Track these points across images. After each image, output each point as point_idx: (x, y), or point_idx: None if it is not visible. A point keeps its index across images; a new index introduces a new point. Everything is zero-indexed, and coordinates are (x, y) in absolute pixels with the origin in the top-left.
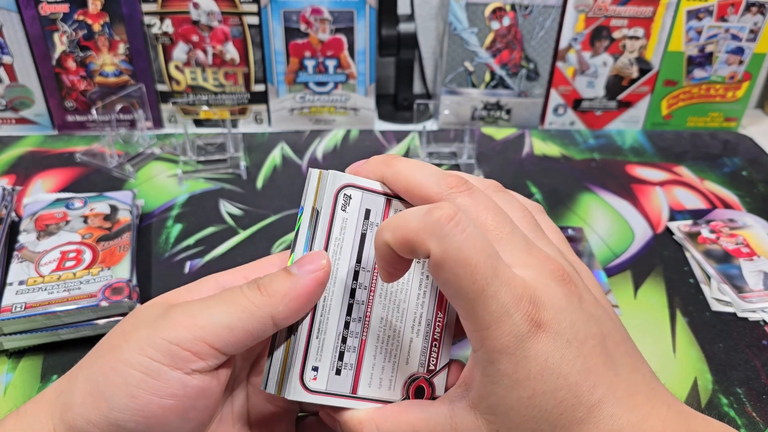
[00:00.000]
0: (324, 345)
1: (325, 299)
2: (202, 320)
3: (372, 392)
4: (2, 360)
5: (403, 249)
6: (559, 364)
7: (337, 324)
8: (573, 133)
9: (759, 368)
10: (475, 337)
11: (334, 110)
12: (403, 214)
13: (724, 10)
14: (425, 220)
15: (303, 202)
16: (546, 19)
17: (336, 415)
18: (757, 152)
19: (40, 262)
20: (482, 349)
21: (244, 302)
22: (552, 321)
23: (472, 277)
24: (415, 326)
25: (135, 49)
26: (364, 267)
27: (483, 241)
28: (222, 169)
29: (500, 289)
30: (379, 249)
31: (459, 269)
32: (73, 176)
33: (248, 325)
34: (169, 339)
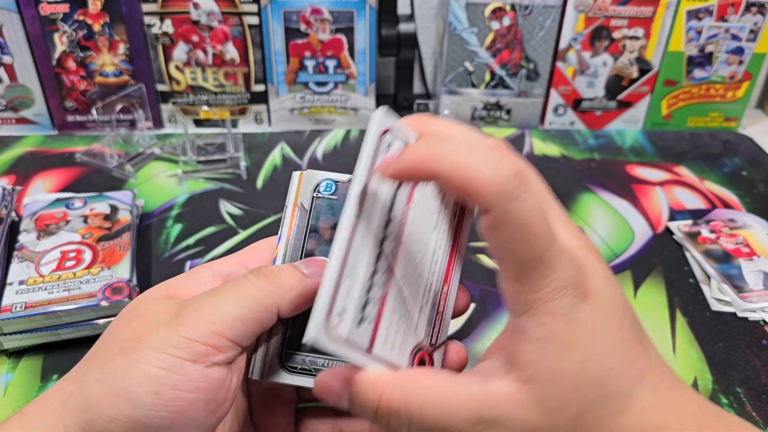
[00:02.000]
0: (352, 289)
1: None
2: (217, 315)
3: (385, 353)
4: (2, 360)
5: (454, 188)
6: (607, 331)
7: (365, 269)
8: (573, 133)
9: (759, 368)
10: (524, 301)
11: (334, 110)
12: (470, 152)
13: (724, 10)
14: (497, 172)
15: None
16: (546, 19)
17: (347, 374)
18: (757, 152)
19: (40, 262)
20: (530, 312)
21: (254, 292)
22: (598, 290)
23: (532, 243)
24: (426, 293)
25: (135, 49)
26: (391, 222)
27: (544, 207)
28: (222, 169)
29: (556, 256)
30: (420, 169)
31: (521, 234)
32: (73, 176)
33: (258, 314)
34: (189, 336)
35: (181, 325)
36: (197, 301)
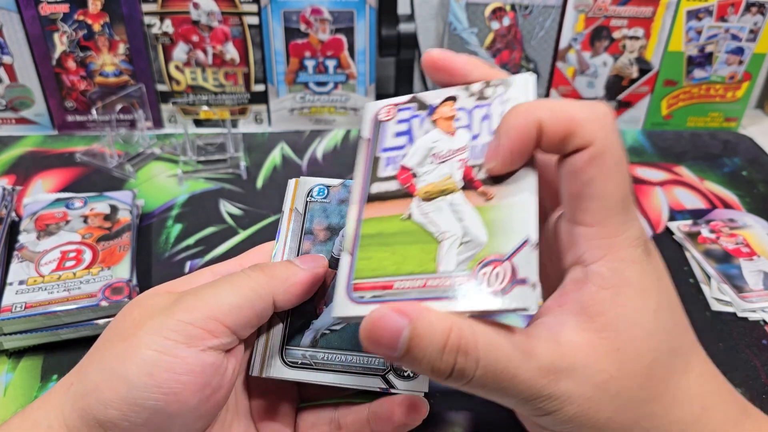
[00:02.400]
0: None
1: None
2: (213, 301)
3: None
4: (2, 360)
5: (555, 135)
6: (668, 289)
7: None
8: None
9: (759, 368)
10: (599, 246)
11: (334, 110)
12: (562, 101)
13: (724, 10)
14: (597, 109)
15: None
16: (546, 19)
17: (409, 308)
18: (757, 152)
19: (40, 262)
20: (606, 258)
21: (250, 283)
22: (654, 252)
23: (622, 180)
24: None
25: (135, 49)
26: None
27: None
28: (222, 169)
29: (633, 204)
30: (523, 125)
31: (615, 168)
32: (73, 176)
33: (254, 304)
34: (184, 320)
35: (178, 310)
36: (196, 290)
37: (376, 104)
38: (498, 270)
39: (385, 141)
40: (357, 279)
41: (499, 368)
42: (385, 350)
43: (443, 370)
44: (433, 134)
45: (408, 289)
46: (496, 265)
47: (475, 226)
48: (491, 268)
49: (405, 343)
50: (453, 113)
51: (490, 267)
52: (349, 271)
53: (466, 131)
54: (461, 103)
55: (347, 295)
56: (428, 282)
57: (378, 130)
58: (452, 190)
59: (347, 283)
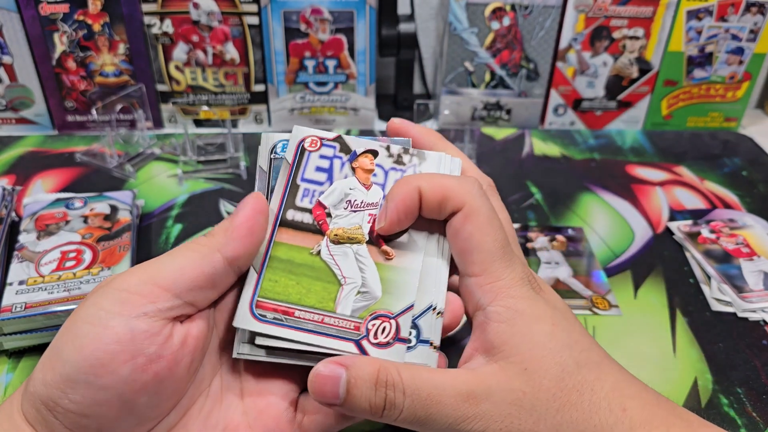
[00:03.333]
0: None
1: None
2: (152, 267)
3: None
4: (2, 360)
5: (433, 199)
6: (566, 317)
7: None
8: (573, 133)
9: (759, 368)
10: (490, 290)
11: (334, 110)
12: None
13: (724, 10)
14: (465, 179)
15: (260, 161)
16: (546, 19)
17: (342, 359)
18: (757, 152)
19: (40, 262)
20: (498, 298)
21: (193, 245)
22: (547, 291)
23: (497, 233)
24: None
25: (135, 49)
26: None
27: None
28: (222, 169)
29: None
30: (406, 194)
31: (488, 224)
32: (73, 176)
33: (199, 264)
34: (119, 287)
35: (117, 278)
36: (143, 262)
37: (302, 129)
38: (385, 325)
39: (306, 171)
40: (261, 297)
41: (423, 396)
42: (329, 396)
43: (378, 404)
44: (351, 181)
45: (307, 321)
46: (384, 320)
47: (373, 280)
48: (379, 322)
49: (345, 386)
50: (372, 167)
51: (379, 320)
52: (255, 287)
53: (379, 189)
54: (380, 160)
55: (250, 310)
56: (325, 319)
57: (301, 157)
58: (359, 240)
59: (252, 298)
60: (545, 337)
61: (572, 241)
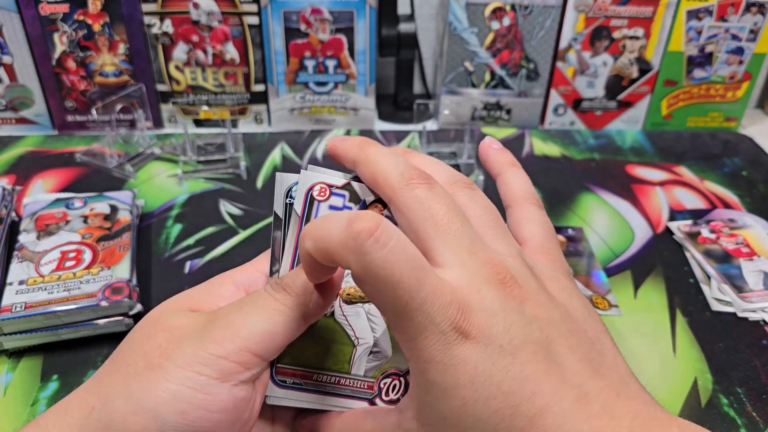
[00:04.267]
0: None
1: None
2: (244, 330)
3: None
4: (2, 360)
5: (325, 260)
6: (490, 372)
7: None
8: (573, 133)
9: (759, 368)
10: (405, 348)
11: (334, 110)
12: (326, 222)
13: (724, 10)
14: (346, 233)
15: (275, 207)
16: (546, 19)
17: (306, 422)
18: (757, 152)
19: (40, 262)
20: (412, 359)
21: (279, 306)
22: (482, 327)
23: (394, 292)
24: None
25: (135, 49)
26: None
27: (406, 253)
28: (222, 169)
29: (425, 301)
30: (302, 256)
31: (381, 285)
32: (73, 176)
33: (286, 328)
34: (217, 354)
35: (209, 341)
36: (224, 316)
37: (309, 176)
38: (395, 383)
39: None
40: (281, 364)
41: None
42: None
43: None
44: None
45: (324, 383)
46: (394, 378)
47: (384, 340)
48: (390, 380)
49: None
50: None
51: (390, 379)
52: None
53: None
54: (389, 212)
55: (270, 377)
56: (341, 380)
57: (310, 208)
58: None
59: (272, 364)
60: (453, 414)
61: (572, 240)
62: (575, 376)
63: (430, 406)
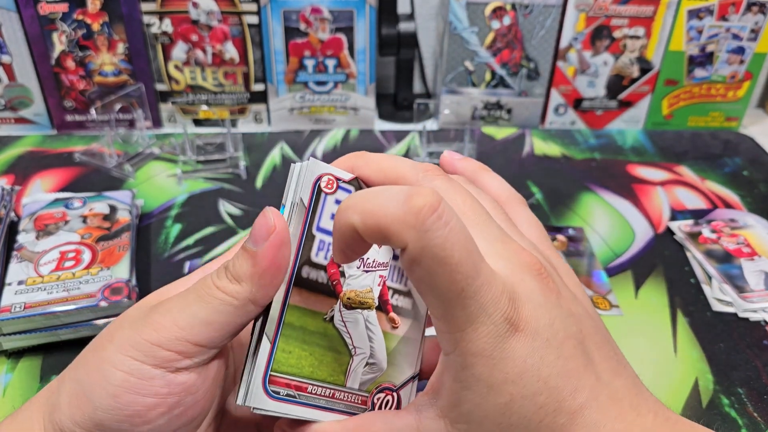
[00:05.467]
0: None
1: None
2: (182, 319)
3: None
4: (1, 360)
5: (373, 236)
6: (538, 366)
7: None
8: (573, 133)
9: (760, 368)
10: (449, 339)
11: (334, 110)
12: (377, 195)
13: (725, 10)
14: (406, 207)
15: (284, 198)
16: (546, 19)
17: (296, 429)
18: (758, 152)
19: (39, 262)
20: (456, 351)
21: (218, 294)
22: (530, 319)
23: (451, 276)
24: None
25: (134, 49)
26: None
27: (466, 236)
28: (221, 168)
29: (480, 289)
30: (341, 230)
31: (438, 268)
32: (72, 176)
33: (228, 317)
34: (151, 340)
35: (146, 326)
36: (167, 303)
37: (318, 165)
38: (388, 398)
39: (321, 219)
40: (275, 372)
41: None
42: None
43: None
44: None
45: (318, 396)
46: (388, 393)
47: (381, 351)
48: (384, 395)
49: None
50: None
51: (383, 394)
52: (269, 359)
53: (390, 248)
54: None
55: (263, 387)
56: (336, 394)
57: (317, 200)
58: (370, 305)
59: (265, 372)
60: (498, 411)
61: (573, 240)
62: (604, 373)
63: (472, 403)
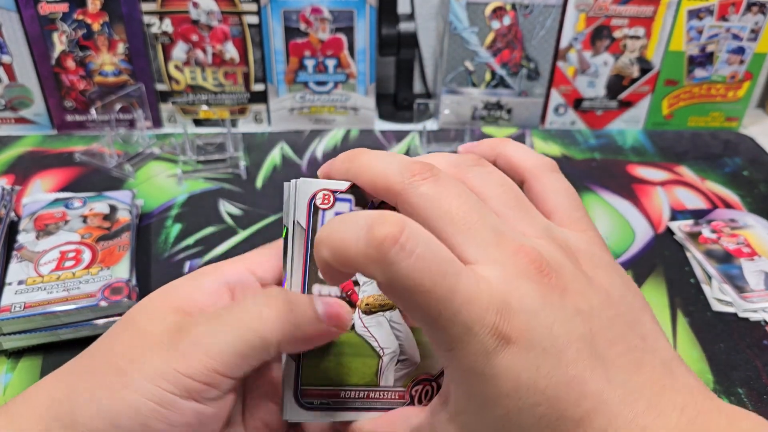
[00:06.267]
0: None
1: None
2: (214, 349)
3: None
4: (1, 360)
5: (345, 269)
6: (534, 378)
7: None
8: (574, 133)
9: (760, 368)
10: (442, 357)
11: (334, 110)
12: (340, 228)
13: (725, 10)
14: (367, 241)
15: (285, 219)
16: (546, 19)
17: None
18: (758, 152)
19: (40, 262)
20: (450, 366)
21: (257, 325)
22: (524, 329)
23: (425, 303)
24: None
25: (134, 49)
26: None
27: (436, 258)
28: (221, 168)
29: (460, 309)
30: (320, 264)
31: (410, 297)
32: (73, 176)
33: (257, 351)
34: (182, 371)
35: (176, 357)
36: (195, 326)
37: (309, 183)
38: (428, 388)
39: None
40: (305, 385)
41: None
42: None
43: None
44: None
45: (353, 399)
46: (426, 384)
47: (411, 346)
48: (422, 387)
49: None
50: None
51: (421, 386)
52: (296, 375)
53: None
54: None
55: (297, 401)
56: (371, 394)
57: (315, 219)
58: (391, 306)
59: (296, 387)
60: (496, 423)
61: None
62: (619, 372)
63: (470, 413)
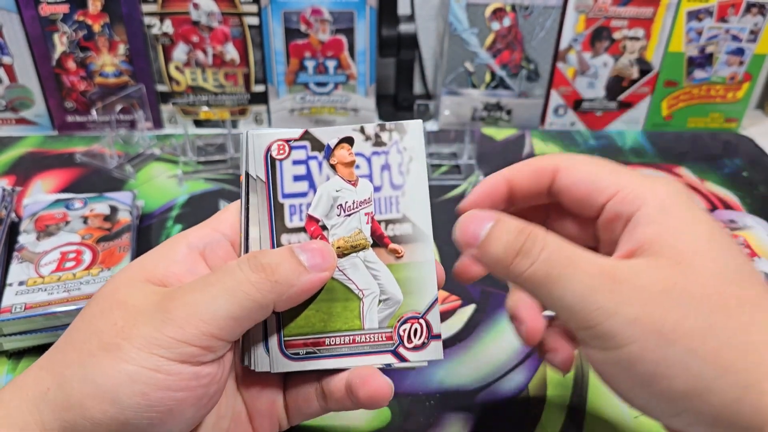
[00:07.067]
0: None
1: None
2: (208, 313)
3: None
4: (2, 361)
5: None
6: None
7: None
8: (573, 134)
9: None
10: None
11: (335, 111)
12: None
13: (724, 11)
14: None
15: (241, 167)
16: (546, 20)
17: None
18: (757, 153)
19: (40, 263)
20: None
21: (249, 289)
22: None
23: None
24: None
25: (135, 50)
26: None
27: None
28: (222, 169)
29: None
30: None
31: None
32: (73, 177)
33: (252, 313)
34: (177, 337)
35: (168, 323)
36: (185, 294)
37: (262, 135)
38: (416, 327)
39: (284, 185)
40: (288, 336)
41: (562, 256)
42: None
43: (513, 248)
44: (335, 181)
45: (339, 345)
46: (413, 322)
47: (391, 284)
48: (410, 325)
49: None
50: (352, 158)
51: (409, 324)
52: (277, 327)
53: (368, 182)
54: (358, 147)
55: (281, 352)
56: (356, 338)
57: (273, 170)
58: (364, 246)
59: (279, 340)
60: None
61: None
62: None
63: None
